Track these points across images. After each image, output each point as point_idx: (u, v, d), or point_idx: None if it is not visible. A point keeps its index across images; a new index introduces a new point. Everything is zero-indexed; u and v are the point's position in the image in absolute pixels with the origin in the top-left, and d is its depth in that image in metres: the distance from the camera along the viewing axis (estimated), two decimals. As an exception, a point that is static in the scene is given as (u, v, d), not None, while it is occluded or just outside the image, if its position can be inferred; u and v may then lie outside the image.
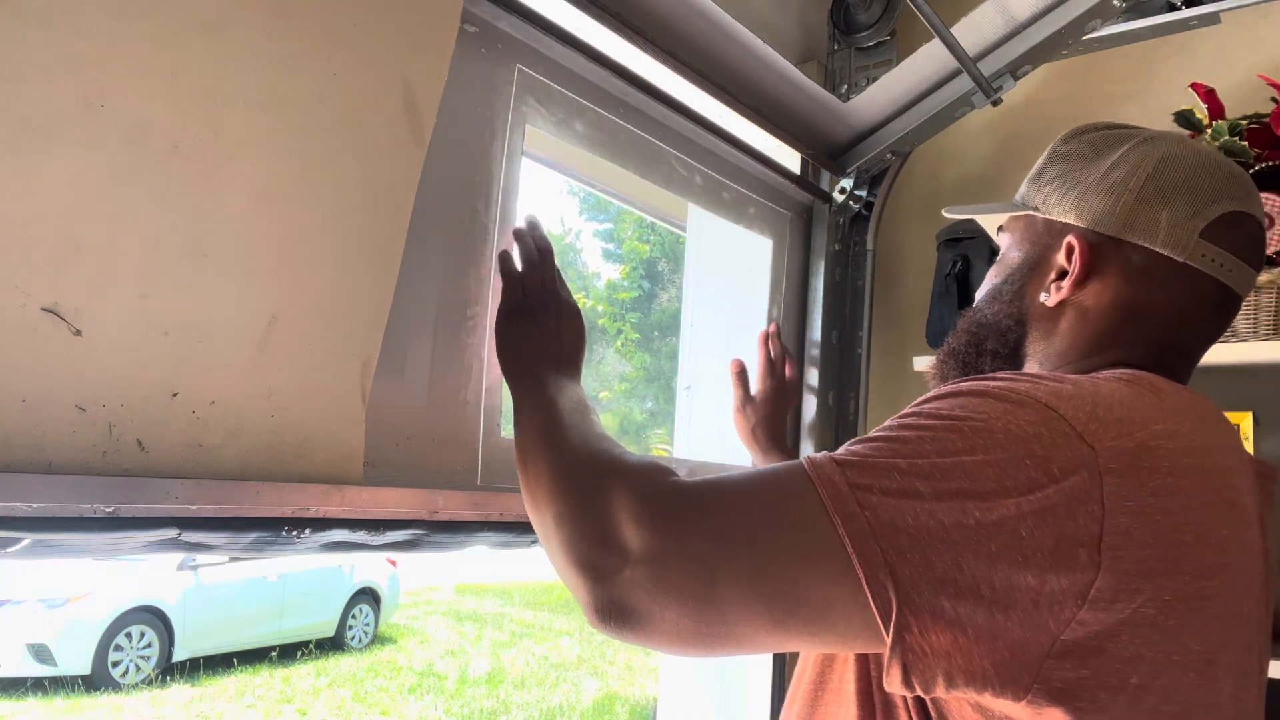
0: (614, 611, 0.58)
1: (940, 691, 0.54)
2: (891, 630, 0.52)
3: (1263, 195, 1.22)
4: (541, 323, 0.88)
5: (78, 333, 0.64)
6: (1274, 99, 1.32)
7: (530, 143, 1.07)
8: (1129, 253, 0.71)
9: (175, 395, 0.69)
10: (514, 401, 0.83)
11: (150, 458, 0.68)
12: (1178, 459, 0.57)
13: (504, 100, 1.02)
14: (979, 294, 0.83)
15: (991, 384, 0.59)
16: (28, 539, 0.63)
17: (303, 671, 7.47)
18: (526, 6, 1.01)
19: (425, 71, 0.85)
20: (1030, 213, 0.77)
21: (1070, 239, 0.72)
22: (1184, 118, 1.39)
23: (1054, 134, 0.80)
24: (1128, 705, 0.54)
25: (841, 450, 0.58)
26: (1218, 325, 0.72)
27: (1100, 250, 0.71)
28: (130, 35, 0.65)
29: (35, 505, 0.62)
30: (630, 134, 1.22)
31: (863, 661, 0.67)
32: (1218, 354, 1.30)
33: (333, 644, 8.21)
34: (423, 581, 11.29)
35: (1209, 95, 1.37)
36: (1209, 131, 1.34)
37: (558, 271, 0.94)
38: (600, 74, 1.13)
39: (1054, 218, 0.75)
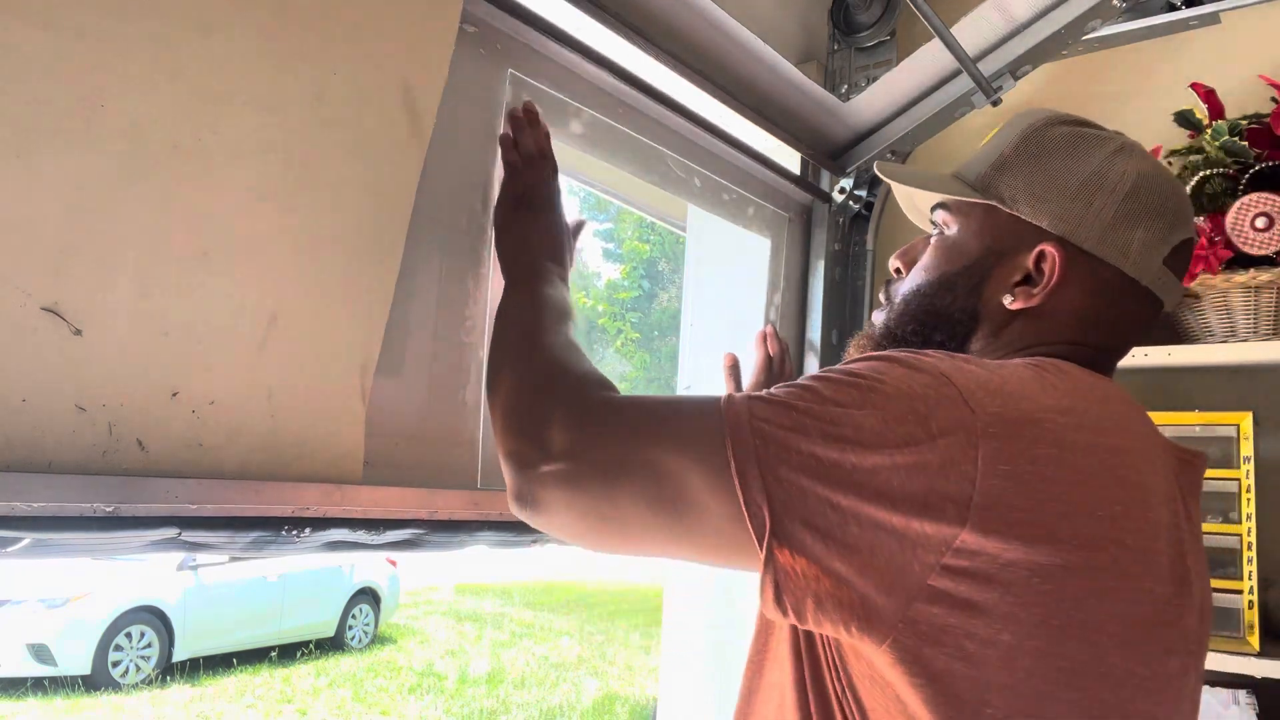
0: (528, 499, 0.67)
1: (811, 619, 0.57)
2: (764, 550, 0.57)
3: (1263, 195, 1.23)
4: (541, 218, 0.91)
5: (78, 333, 0.64)
6: (1274, 99, 1.32)
7: (530, 143, 1.07)
8: (1097, 267, 0.71)
9: (175, 395, 0.70)
10: (505, 288, 0.86)
11: (150, 457, 0.68)
12: (1066, 433, 0.59)
13: (503, 100, 1.02)
14: (920, 275, 0.80)
15: (903, 353, 0.63)
16: (28, 539, 0.63)
17: (303, 671, 7.47)
18: (525, 7, 1.01)
19: (425, 71, 0.85)
20: (992, 203, 0.75)
21: (1046, 248, 0.71)
22: (1184, 118, 1.39)
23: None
24: (1000, 662, 0.56)
25: (764, 390, 0.62)
26: (1145, 335, 0.77)
27: (1071, 261, 0.71)
28: (130, 35, 0.65)
29: (35, 505, 0.62)
30: (629, 135, 1.22)
31: (794, 630, 0.69)
32: (1218, 354, 1.30)
33: (333, 644, 8.22)
34: (423, 581, 11.29)
35: (1209, 95, 1.37)
36: (1209, 131, 1.34)
37: (555, 169, 0.95)
38: (599, 74, 1.13)
39: (1023, 216, 0.73)
